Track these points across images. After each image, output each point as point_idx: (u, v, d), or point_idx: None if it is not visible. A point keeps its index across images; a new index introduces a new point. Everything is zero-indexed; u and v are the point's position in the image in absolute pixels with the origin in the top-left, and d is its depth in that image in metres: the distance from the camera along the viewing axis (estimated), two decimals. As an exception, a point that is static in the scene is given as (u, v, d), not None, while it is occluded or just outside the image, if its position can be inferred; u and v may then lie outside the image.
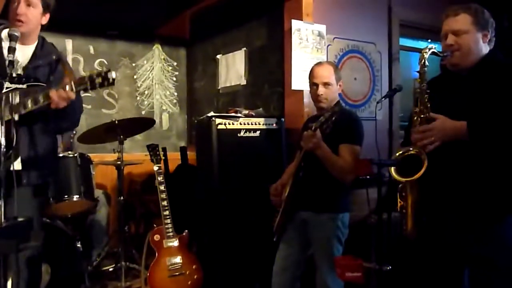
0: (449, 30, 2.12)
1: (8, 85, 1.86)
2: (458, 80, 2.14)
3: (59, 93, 2.19)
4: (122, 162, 3.70)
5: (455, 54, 2.10)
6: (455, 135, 1.99)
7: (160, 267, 3.21)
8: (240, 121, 3.43)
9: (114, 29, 5.03)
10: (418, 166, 2.01)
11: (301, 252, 2.73)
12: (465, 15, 2.10)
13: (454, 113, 2.01)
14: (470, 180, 2.02)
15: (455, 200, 2.07)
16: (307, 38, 3.59)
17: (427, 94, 2.08)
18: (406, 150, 2.08)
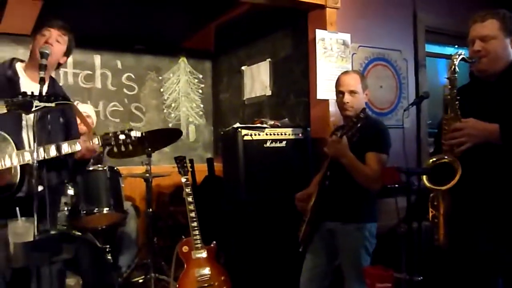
0: (477, 36, 2.09)
1: (38, 103, 1.89)
2: (487, 87, 2.11)
3: (87, 146, 2.26)
4: (150, 175, 3.73)
5: (482, 60, 2.07)
6: (486, 137, 1.95)
7: (189, 278, 3.21)
8: (266, 131, 3.43)
9: (141, 44, 5.12)
10: (451, 175, 1.98)
11: (328, 262, 2.70)
12: (493, 21, 2.07)
13: (484, 120, 1.98)
14: (503, 187, 1.98)
15: (488, 209, 2.03)
16: (332, 47, 3.58)
17: (457, 101, 2.05)
18: (439, 158, 2.05)
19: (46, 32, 2.44)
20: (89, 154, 2.33)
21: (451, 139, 2.01)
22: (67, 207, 3.13)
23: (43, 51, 2.28)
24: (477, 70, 2.12)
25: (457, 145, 1.99)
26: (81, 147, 2.26)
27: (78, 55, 4.78)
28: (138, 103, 5.12)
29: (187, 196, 3.35)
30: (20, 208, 2.27)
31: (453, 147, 2.00)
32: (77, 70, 4.80)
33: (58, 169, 2.54)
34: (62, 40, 2.47)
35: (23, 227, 2.30)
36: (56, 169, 2.52)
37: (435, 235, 2.09)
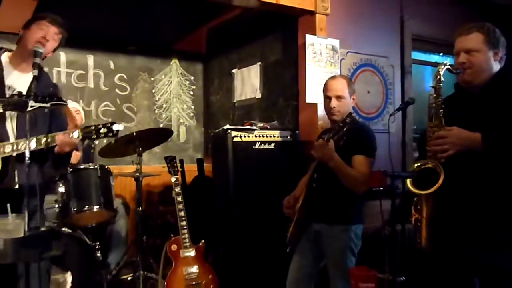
0: (462, 48, 2.12)
1: (33, 103, 1.88)
2: (471, 98, 2.14)
3: (64, 138, 2.25)
4: (140, 174, 3.72)
5: (467, 71, 2.10)
6: (468, 145, 1.98)
7: (177, 276, 3.20)
8: (255, 133, 3.43)
9: (133, 45, 5.10)
10: (434, 180, 2.00)
11: (315, 263, 2.71)
12: (478, 34, 2.10)
13: (468, 129, 2.01)
14: (484, 194, 2.01)
15: (469, 214, 2.05)
16: (321, 52, 3.60)
17: (442, 109, 2.08)
18: (423, 163, 2.08)
19: (45, 27, 2.42)
20: (67, 147, 2.29)
21: (435, 146, 2.04)
22: (57, 205, 3.11)
23: (37, 50, 2.27)
24: (462, 81, 2.16)
25: (441, 152, 2.02)
26: (59, 139, 2.23)
27: (72, 54, 4.76)
28: (130, 103, 5.10)
29: (176, 195, 3.34)
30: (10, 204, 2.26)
31: (437, 153, 2.03)
32: (70, 70, 4.78)
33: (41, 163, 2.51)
34: (57, 38, 2.47)
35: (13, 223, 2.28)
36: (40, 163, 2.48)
37: (417, 238, 2.11)
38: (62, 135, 2.25)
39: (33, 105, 1.88)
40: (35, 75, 2.20)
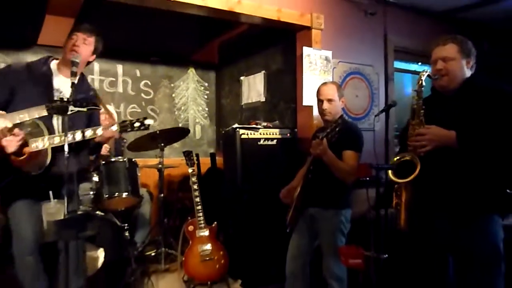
0: (439, 57, 2.11)
1: (72, 108, 1.89)
2: (445, 100, 2.13)
3: (107, 132, 2.26)
4: (162, 166, 3.73)
5: (443, 78, 2.09)
6: (445, 142, 1.97)
7: (193, 253, 3.22)
8: (260, 131, 3.43)
9: (156, 56, 5.10)
10: (412, 170, 2.00)
11: (310, 242, 2.71)
12: (452, 45, 2.09)
13: (442, 126, 2.00)
14: (457, 183, 2.00)
15: (443, 199, 2.05)
16: (316, 62, 3.58)
17: (422, 110, 2.07)
18: (402, 156, 2.07)
19: (74, 36, 2.42)
20: (107, 139, 2.33)
21: (416, 142, 2.02)
22: (92, 192, 3.12)
23: (74, 60, 2.26)
24: (439, 86, 2.14)
25: (420, 147, 2.01)
26: (101, 133, 2.25)
27: (104, 64, 4.77)
28: (153, 105, 5.10)
29: (193, 184, 3.35)
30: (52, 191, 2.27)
31: (417, 148, 2.02)
32: (103, 77, 4.79)
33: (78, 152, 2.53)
34: (88, 41, 2.44)
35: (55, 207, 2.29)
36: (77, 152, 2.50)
37: (397, 220, 2.10)
38: (103, 128, 2.26)
39: (72, 109, 1.89)
40: (73, 82, 2.20)
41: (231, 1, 3.20)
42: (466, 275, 2.01)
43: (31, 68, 2.41)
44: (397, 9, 4.16)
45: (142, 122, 2.29)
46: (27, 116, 1.80)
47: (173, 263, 3.58)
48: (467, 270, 2.01)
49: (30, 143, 2.16)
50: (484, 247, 1.96)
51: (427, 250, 2.16)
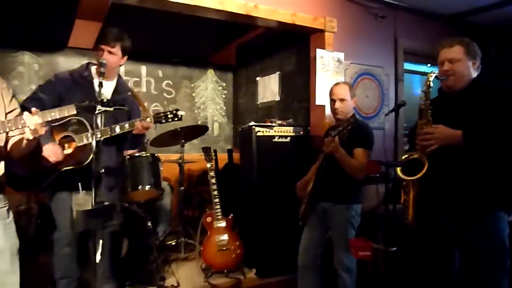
0: (446, 58, 2.07)
1: (100, 107, 1.92)
2: (451, 100, 2.09)
3: (142, 124, 2.31)
4: (183, 161, 3.75)
5: (450, 78, 2.06)
6: (451, 141, 1.94)
7: (211, 243, 3.23)
8: (274, 129, 3.42)
9: (177, 58, 5.13)
10: (420, 168, 1.97)
11: (322, 235, 2.70)
12: (459, 47, 2.06)
13: (448, 125, 1.97)
14: (463, 180, 1.97)
15: (450, 196, 2.02)
16: (329, 63, 3.55)
17: (430, 110, 2.04)
18: (410, 154, 2.05)
19: (100, 49, 2.48)
20: (143, 130, 2.35)
21: (423, 141, 2.00)
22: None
23: (101, 61, 2.30)
24: (445, 86, 2.11)
25: (427, 145, 1.98)
26: (138, 125, 2.30)
27: (129, 65, 4.81)
28: (174, 104, 5.13)
29: (211, 178, 3.36)
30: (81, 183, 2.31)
31: (424, 147, 1.99)
32: (128, 78, 4.82)
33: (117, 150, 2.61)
34: (113, 51, 2.49)
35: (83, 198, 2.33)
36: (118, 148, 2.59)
37: (405, 215, 2.09)
38: (139, 121, 2.31)
39: (100, 108, 1.92)
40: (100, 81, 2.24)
41: (248, 6, 3.19)
42: (471, 269, 1.98)
43: (74, 75, 2.52)
44: (406, 12, 4.11)
45: (175, 114, 2.34)
46: (58, 115, 1.84)
47: (192, 252, 3.60)
48: (473, 264, 1.98)
49: (76, 138, 2.27)
50: (490, 242, 1.93)
51: (434, 244, 2.13)
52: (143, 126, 2.32)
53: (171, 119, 2.35)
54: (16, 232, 1.86)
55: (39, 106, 2.34)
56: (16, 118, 1.78)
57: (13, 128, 1.73)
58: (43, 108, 2.34)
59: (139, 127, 2.31)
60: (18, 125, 1.72)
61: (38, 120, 1.73)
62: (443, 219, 2.05)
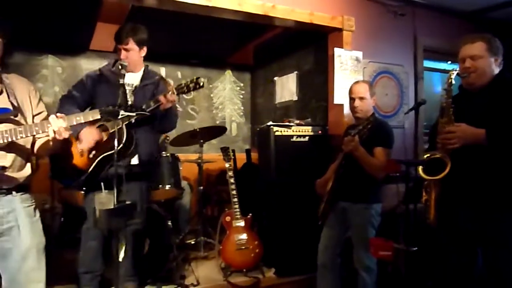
0: (467, 55, 2.03)
1: (123, 112, 1.96)
2: (473, 97, 2.05)
3: (166, 97, 2.34)
4: (201, 160, 3.78)
5: (471, 75, 2.02)
6: (474, 139, 1.90)
7: (230, 242, 3.24)
8: (292, 129, 3.41)
9: (196, 59, 5.17)
10: (442, 167, 1.94)
11: (341, 234, 2.67)
12: (481, 43, 2.01)
13: (468, 122, 1.93)
14: (486, 178, 1.93)
15: (472, 194, 1.98)
16: (347, 62, 3.51)
17: (452, 108, 2.00)
18: (433, 153, 2.01)
19: (118, 49, 2.58)
20: (169, 103, 2.37)
21: (445, 139, 1.96)
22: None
23: (122, 63, 2.34)
24: (467, 83, 2.06)
25: (449, 144, 1.94)
26: (162, 99, 2.33)
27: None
28: (193, 105, 5.17)
29: (229, 178, 3.37)
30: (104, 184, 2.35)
31: (446, 145, 1.95)
32: (147, 79, 4.88)
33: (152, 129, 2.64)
34: (128, 46, 2.55)
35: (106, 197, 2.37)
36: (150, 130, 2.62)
37: (426, 215, 2.05)
38: (162, 96, 2.34)
39: (123, 113, 1.95)
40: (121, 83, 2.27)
41: (265, 6, 3.19)
42: (494, 267, 1.94)
43: (102, 72, 2.64)
44: (426, 10, 4.04)
45: (197, 82, 2.33)
46: (83, 119, 1.89)
47: (211, 251, 3.62)
48: (495, 262, 1.93)
49: (109, 126, 2.34)
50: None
51: (456, 243, 2.09)
52: (168, 99, 2.34)
53: (193, 88, 2.35)
54: (42, 230, 1.91)
55: (73, 103, 2.52)
56: (42, 121, 1.83)
57: (40, 131, 1.78)
58: (77, 105, 2.48)
59: (163, 101, 2.33)
60: (45, 129, 1.78)
61: (63, 124, 1.78)
62: (465, 218, 2.01)
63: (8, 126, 1.75)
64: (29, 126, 1.77)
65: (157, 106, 2.34)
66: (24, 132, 1.74)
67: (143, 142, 2.55)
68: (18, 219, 1.80)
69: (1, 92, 1.80)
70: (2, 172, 1.73)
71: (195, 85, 2.34)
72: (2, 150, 1.75)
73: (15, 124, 1.77)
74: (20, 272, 1.79)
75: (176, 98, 2.37)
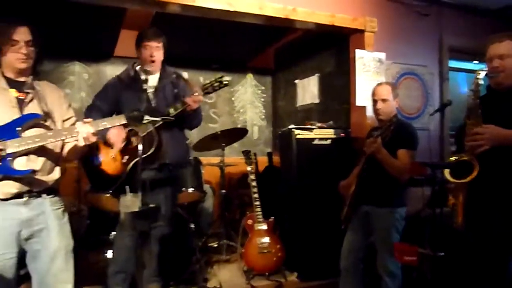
0: (495, 54, 1.98)
1: (147, 117, 2.00)
2: (501, 98, 1.99)
3: (192, 98, 2.36)
4: (223, 164, 3.80)
5: (500, 75, 1.96)
6: (503, 141, 1.84)
7: (252, 245, 3.24)
8: (314, 132, 3.39)
9: (217, 63, 5.20)
10: (468, 170, 1.89)
11: (364, 238, 2.63)
12: (509, 41, 1.96)
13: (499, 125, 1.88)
14: None
15: (502, 198, 1.92)
16: (369, 64, 3.47)
17: (480, 109, 1.95)
18: (460, 156, 1.96)
19: (147, 46, 2.58)
20: (195, 104, 2.41)
21: (473, 141, 1.91)
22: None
23: (147, 69, 2.39)
24: (495, 83, 2.01)
25: (477, 146, 1.89)
26: (189, 100, 2.36)
27: (171, 72, 4.93)
28: (215, 108, 5.20)
29: (251, 181, 3.38)
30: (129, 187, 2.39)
31: (474, 148, 1.90)
32: (170, 84, 4.95)
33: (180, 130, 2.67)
34: (160, 46, 2.61)
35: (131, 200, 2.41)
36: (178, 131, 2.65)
37: (454, 219, 2.00)
38: (189, 97, 2.37)
39: (147, 118, 1.99)
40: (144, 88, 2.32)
41: (286, 9, 3.19)
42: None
43: (122, 78, 2.67)
44: (450, 9, 3.96)
45: (221, 81, 2.37)
46: (108, 124, 1.94)
47: (234, 254, 3.63)
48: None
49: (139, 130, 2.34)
50: None
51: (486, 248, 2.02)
52: (194, 100, 2.37)
53: (218, 87, 2.38)
54: (70, 232, 1.96)
55: (98, 112, 2.56)
56: (71, 126, 1.91)
57: (68, 136, 1.84)
58: (102, 114, 2.52)
59: (190, 102, 2.36)
60: (73, 134, 1.84)
61: (90, 129, 1.83)
62: (495, 222, 1.95)
63: (39, 131, 1.82)
64: (58, 131, 1.84)
65: (184, 108, 2.36)
66: (54, 137, 1.80)
67: (172, 144, 2.58)
68: (48, 221, 1.85)
69: (32, 98, 1.87)
70: (32, 175, 1.79)
71: (220, 84, 2.37)
72: (32, 154, 1.81)
73: (45, 129, 1.84)
74: (49, 273, 1.84)
75: (202, 99, 2.41)
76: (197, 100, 2.38)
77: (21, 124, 1.77)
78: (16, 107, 1.81)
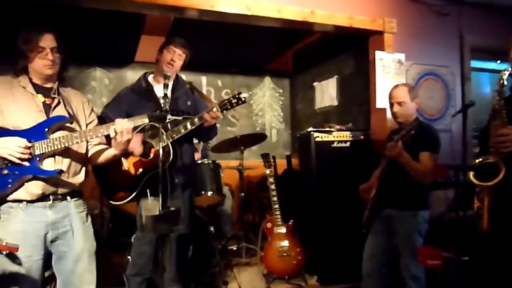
0: None
1: (170, 117, 2.01)
2: None
3: (210, 115, 2.36)
4: (242, 167, 3.81)
5: None
6: None
7: (272, 248, 3.24)
8: (333, 134, 3.37)
9: (235, 67, 5.24)
10: (494, 172, 1.83)
11: (386, 242, 2.58)
12: None
13: None
14: None
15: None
16: (389, 65, 3.43)
17: (504, 110, 1.89)
18: (485, 158, 1.90)
19: (172, 50, 2.59)
20: (213, 120, 2.40)
21: (498, 143, 1.85)
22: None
23: (166, 74, 2.40)
24: (520, 83, 1.95)
25: (503, 147, 1.83)
26: (206, 117, 2.35)
27: (189, 75, 4.96)
28: (233, 112, 5.23)
29: (270, 184, 3.37)
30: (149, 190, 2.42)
31: (499, 149, 1.85)
32: (189, 88, 5.00)
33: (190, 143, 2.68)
34: (182, 57, 2.62)
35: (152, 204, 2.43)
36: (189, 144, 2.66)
37: (479, 223, 1.94)
38: (206, 113, 2.36)
39: (170, 117, 2.01)
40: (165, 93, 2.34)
41: (304, 12, 3.18)
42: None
43: (134, 89, 2.67)
44: (471, 8, 3.87)
45: (239, 97, 2.35)
46: (133, 124, 1.96)
47: (253, 257, 3.63)
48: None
49: (154, 143, 2.38)
50: None
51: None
52: (212, 116, 2.36)
53: (235, 104, 2.35)
54: (93, 234, 2.00)
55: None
56: (96, 127, 1.95)
57: (94, 136, 1.90)
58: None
59: (208, 119, 2.35)
60: (98, 134, 1.89)
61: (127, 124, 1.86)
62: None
63: (65, 133, 1.87)
64: (83, 132, 1.89)
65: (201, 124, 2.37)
66: (79, 138, 1.85)
67: (185, 155, 2.60)
68: (72, 224, 1.90)
69: (58, 102, 1.92)
70: (59, 176, 1.84)
71: (238, 100, 2.35)
72: (59, 155, 1.86)
73: (71, 131, 1.89)
74: (73, 274, 1.88)
75: (220, 115, 2.39)
76: (215, 116, 2.38)
77: (49, 125, 1.83)
78: (42, 112, 1.86)
